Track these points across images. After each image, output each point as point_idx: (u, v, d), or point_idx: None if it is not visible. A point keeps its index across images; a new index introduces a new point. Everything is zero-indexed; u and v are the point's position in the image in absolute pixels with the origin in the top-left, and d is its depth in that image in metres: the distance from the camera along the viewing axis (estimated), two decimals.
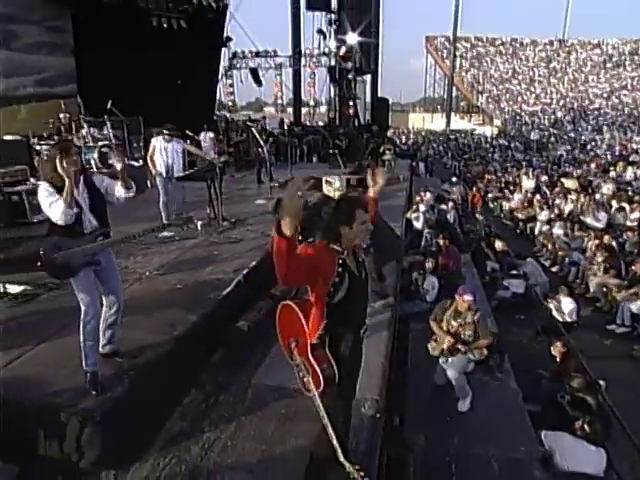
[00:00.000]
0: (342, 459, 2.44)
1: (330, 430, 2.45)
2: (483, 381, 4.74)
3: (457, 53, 45.17)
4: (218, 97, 19.13)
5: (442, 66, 50.63)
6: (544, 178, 16.20)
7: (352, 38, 15.89)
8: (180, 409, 3.48)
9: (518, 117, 40.67)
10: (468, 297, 4.61)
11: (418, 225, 9.14)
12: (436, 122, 48.56)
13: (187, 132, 8.10)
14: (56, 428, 2.86)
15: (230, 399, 3.61)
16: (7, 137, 9.16)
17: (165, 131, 6.80)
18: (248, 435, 3.22)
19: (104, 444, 2.86)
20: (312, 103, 20.66)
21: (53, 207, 2.86)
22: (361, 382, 3.52)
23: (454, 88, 47.07)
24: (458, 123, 45.16)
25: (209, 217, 6.97)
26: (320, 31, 17.36)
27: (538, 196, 13.39)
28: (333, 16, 17.33)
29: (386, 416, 3.60)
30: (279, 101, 21.27)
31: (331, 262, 2.26)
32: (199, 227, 6.62)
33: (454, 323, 4.65)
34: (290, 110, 23.04)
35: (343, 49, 16.13)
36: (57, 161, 2.87)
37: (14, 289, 4.69)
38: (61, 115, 9.60)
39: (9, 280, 4.82)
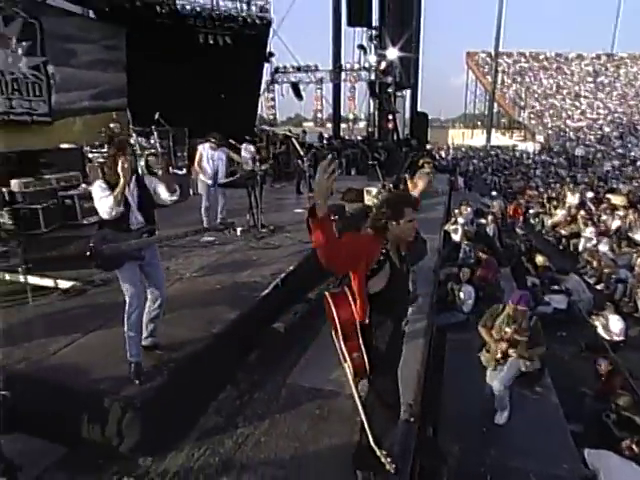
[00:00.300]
0: (373, 444, 2.44)
1: (363, 416, 2.47)
2: (522, 394, 4.58)
3: (499, 69, 44.47)
4: (259, 111, 19.63)
5: (483, 82, 49.99)
6: (589, 194, 15.64)
7: (392, 53, 16.00)
8: (215, 404, 3.56)
9: (562, 133, 39.47)
10: (523, 307, 4.39)
11: (456, 238, 8.99)
12: (476, 138, 47.78)
13: (230, 141, 8.32)
14: (99, 413, 2.99)
15: (265, 397, 3.66)
16: (63, 145, 9.73)
17: (212, 139, 7.02)
18: (281, 433, 3.26)
19: (143, 431, 2.96)
20: (351, 117, 20.88)
21: (102, 201, 3.02)
22: None
23: (495, 104, 46.29)
24: (499, 139, 44.24)
25: (248, 224, 7.12)
26: (361, 46, 17.61)
27: (583, 212, 12.94)
28: (374, 32, 17.54)
29: (420, 422, 3.55)
30: (319, 115, 21.60)
31: (376, 252, 2.32)
32: (238, 233, 6.81)
33: (508, 329, 4.43)
34: (329, 125, 23.34)
35: (383, 64, 16.26)
36: (115, 159, 3.05)
37: (64, 284, 4.95)
38: (112, 125, 10.11)
39: (60, 276, 5.10)
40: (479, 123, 54.14)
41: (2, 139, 11.26)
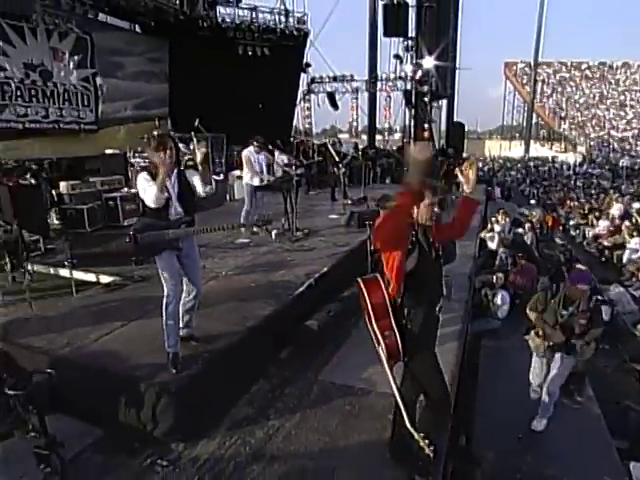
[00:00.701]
0: (409, 426, 2.44)
1: (398, 398, 2.50)
2: (560, 404, 4.41)
3: (538, 79, 43.51)
4: (295, 122, 19.89)
5: (522, 92, 49.06)
6: (636, 205, 14.94)
7: (428, 62, 15.94)
8: (248, 396, 3.61)
9: (605, 143, 38.17)
10: (583, 286, 3.96)
11: (492, 245, 8.79)
12: (514, 149, 46.73)
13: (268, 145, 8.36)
14: (135, 397, 3.08)
15: (296, 392, 3.68)
16: (108, 151, 10.17)
17: (255, 142, 7.13)
18: (312, 427, 3.26)
19: (176, 417, 3.03)
20: (386, 126, 20.84)
21: (147, 191, 3.15)
22: None
23: (534, 115, 45.23)
24: (538, 151, 43.11)
25: (283, 227, 7.21)
26: (397, 56, 17.62)
27: (627, 222, 12.39)
28: (410, 42, 17.52)
29: (453, 423, 3.47)
30: (354, 123, 21.68)
31: (409, 234, 2.42)
32: (273, 236, 6.90)
33: (564, 312, 3.97)
34: (364, 137, 23.38)
35: (419, 73, 16.21)
36: (155, 152, 3.18)
37: (105, 279, 5.17)
38: (154, 132, 10.46)
39: (102, 272, 5.32)
40: (517, 135, 52.98)
41: (53, 146, 11.90)
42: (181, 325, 3.58)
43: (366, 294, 2.46)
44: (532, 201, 16.61)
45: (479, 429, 4.14)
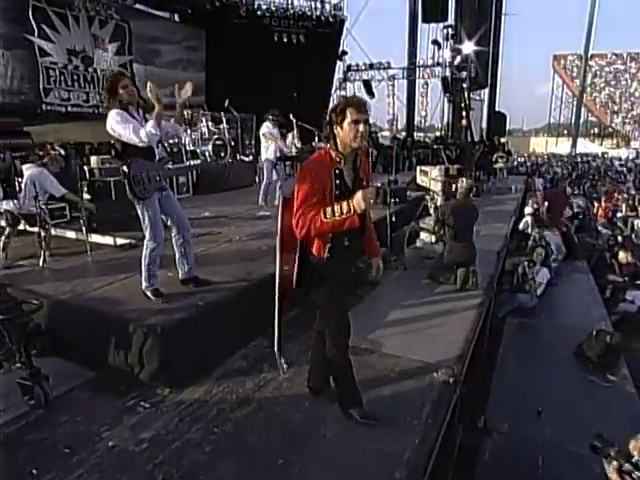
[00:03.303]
0: (275, 347, 2.75)
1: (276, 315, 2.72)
2: (588, 380, 4.05)
3: (590, 71, 41.38)
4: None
5: (571, 86, 46.77)
6: None
7: (468, 47, 15.39)
8: (244, 350, 3.48)
9: None
10: None
11: (528, 229, 8.32)
12: (561, 145, 44.43)
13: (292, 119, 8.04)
14: (124, 339, 3.02)
15: (295, 349, 3.52)
16: None
17: (271, 117, 7.03)
18: (305, 380, 3.09)
19: (161, 359, 2.94)
20: (423, 114, 20.34)
21: (134, 129, 3.05)
22: (437, 350, 3.35)
23: (585, 111, 43.06)
24: (587, 147, 40.80)
25: None
26: (435, 41, 17.16)
27: None
28: (450, 30, 16.99)
29: (462, 388, 3.21)
30: (394, 119, 21.25)
31: (326, 171, 2.25)
32: None
33: None
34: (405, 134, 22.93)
35: (458, 59, 15.69)
36: (120, 90, 3.11)
37: (120, 241, 5.21)
38: (185, 112, 10.59)
39: (120, 236, 5.38)
40: (565, 131, 50.54)
41: (93, 130, 12.26)
42: (182, 268, 3.62)
43: (280, 213, 2.35)
44: (576, 191, 15.77)
45: (493, 401, 3.83)
